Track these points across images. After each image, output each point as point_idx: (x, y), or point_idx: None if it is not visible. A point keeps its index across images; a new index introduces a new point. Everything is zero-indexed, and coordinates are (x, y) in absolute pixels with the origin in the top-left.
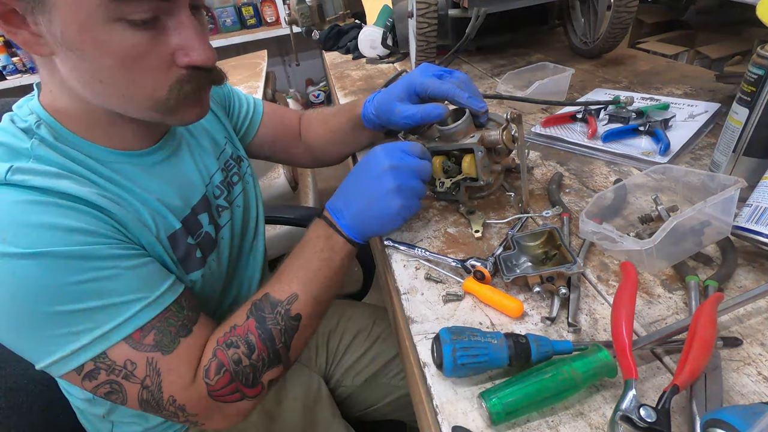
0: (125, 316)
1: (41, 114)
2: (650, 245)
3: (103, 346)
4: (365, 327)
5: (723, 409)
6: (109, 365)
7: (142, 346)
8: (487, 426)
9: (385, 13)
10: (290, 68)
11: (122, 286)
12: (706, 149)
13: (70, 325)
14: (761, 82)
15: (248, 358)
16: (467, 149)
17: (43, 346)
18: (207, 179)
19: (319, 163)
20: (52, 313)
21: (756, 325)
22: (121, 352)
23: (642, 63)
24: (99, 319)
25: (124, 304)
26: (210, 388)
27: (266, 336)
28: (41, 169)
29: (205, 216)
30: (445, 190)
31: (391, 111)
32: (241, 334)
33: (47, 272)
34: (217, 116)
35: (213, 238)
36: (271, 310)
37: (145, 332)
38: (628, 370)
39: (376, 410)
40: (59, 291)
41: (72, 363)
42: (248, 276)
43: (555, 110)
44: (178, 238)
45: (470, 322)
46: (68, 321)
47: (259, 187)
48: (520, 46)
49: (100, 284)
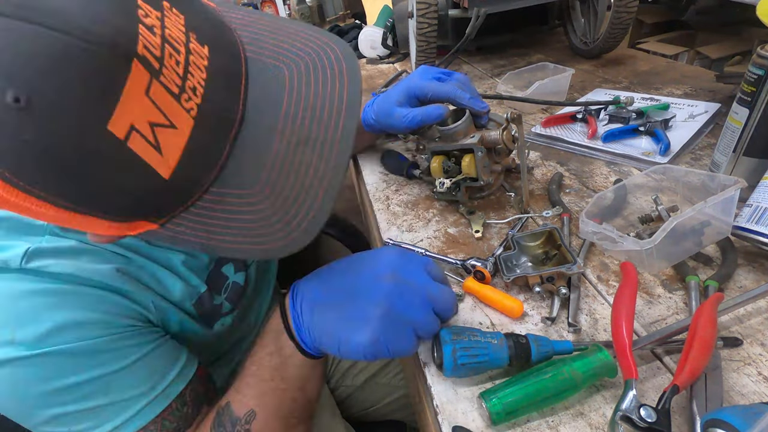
0: (127, 415)
1: None
2: (650, 245)
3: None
4: None
5: (723, 409)
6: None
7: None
8: (487, 426)
9: (385, 14)
10: None
11: (129, 380)
12: (706, 149)
13: (71, 423)
14: (761, 82)
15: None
16: (467, 149)
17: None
18: None
19: None
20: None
21: (756, 325)
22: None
23: (642, 63)
24: (101, 417)
25: (128, 401)
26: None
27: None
28: (58, 248)
29: (230, 267)
30: (445, 190)
31: (391, 116)
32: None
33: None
34: None
35: (241, 285)
36: (231, 428)
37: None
38: (628, 370)
39: (376, 410)
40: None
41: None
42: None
43: (555, 110)
44: (204, 301)
45: (470, 322)
46: (71, 420)
47: None
48: (520, 46)
49: (107, 380)
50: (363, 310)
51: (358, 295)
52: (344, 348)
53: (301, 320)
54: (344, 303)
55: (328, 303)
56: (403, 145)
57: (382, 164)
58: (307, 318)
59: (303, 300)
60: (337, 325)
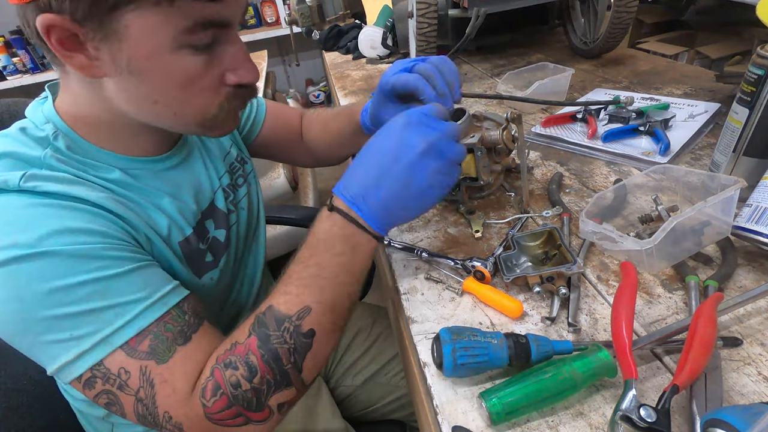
0: (127, 317)
1: (58, 123)
2: (650, 245)
3: (103, 352)
4: (365, 326)
5: (723, 409)
6: (104, 373)
7: (136, 352)
8: (487, 426)
9: (385, 13)
10: (290, 68)
11: (126, 285)
12: (706, 149)
13: (73, 328)
14: (761, 82)
15: (249, 382)
16: (467, 149)
17: (49, 351)
18: (216, 183)
19: (319, 163)
20: (57, 316)
21: (756, 325)
22: (116, 359)
23: (642, 63)
24: (102, 320)
25: (127, 305)
26: (207, 410)
27: (271, 356)
28: (55, 176)
29: (211, 222)
30: None
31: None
32: (242, 353)
33: (52, 272)
34: None
35: (222, 241)
36: (277, 327)
37: (141, 338)
38: (628, 370)
39: (376, 410)
40: (63, 292)
41: (74, 371)
42: (249, 276)
43: (555, 110)
44: (191, 243)
45: (470, 322)
46: (72, 324)
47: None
48: (520, 46)
49: (104, 284)
50: (422, 179)
51: (411, 172)
52: (419, 211)
53: (369, 208)
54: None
55: (385, 186)
56: None
57: None
58: (373, 204)
59: (361, 198)
60: (406, 198)
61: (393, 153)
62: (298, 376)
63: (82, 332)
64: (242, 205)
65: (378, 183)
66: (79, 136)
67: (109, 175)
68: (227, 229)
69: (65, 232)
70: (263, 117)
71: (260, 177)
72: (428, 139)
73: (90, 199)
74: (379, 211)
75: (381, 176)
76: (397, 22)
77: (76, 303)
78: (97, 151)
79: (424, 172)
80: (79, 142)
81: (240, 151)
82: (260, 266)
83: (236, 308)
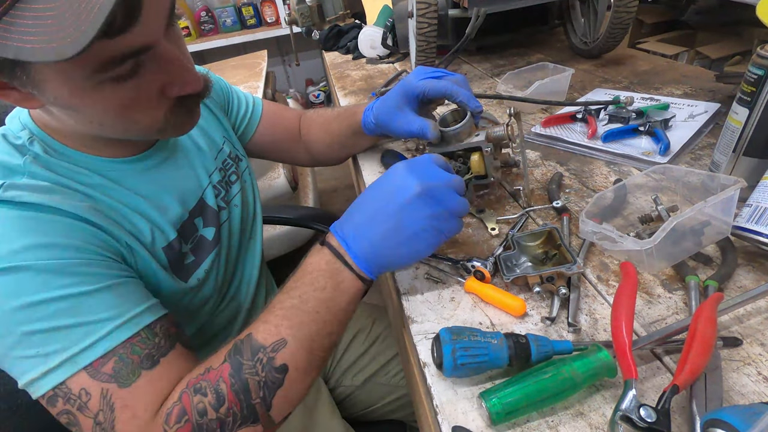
0: (95, 337)
1: (33, 130)
2: (650, 245)
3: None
4: (365, 327)
5: (723, 409)
6: (65, 393)
7: (99, 374)
8: (487, 426)
9: (385, 13)
10: (290, 68)
11: (97, 303)
12: (706, 149)
13: (40, 345)
14: (761, 82)
15: (215, 411)
16: (471, 149)
17: (18, 366)
18: (205, 180)
19: (318, 163)
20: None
21: (756, 325)
22: (79, 381)
23: (642, 63)
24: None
25: (97, 323)
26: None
27: (240, 387)
28: (34, 185)
29: (200, 220)
30: None
31: (392, 121)
32: (212, 380)
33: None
34: (216, 116)
35: (209, 240)
36: (251, 356)
37: (105, 359)
38: (628, 370)
39: (376, 410)
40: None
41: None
42: (246, 276)
43: (555, 110)
44: (174, 248)
45: (470, 322)
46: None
47: (258, 186)
48: (520, 46)
49: (75, 301)
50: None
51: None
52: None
53: (358, 248)
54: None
55: (376, 227)
56: (402, 144)
57: (381, 164)
58: (363, 243)
59: (352, 238)
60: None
61: (389, 194)
62: (266, 413)
63: (49, 350)
64: (235, 202)
65: (370, 223)
66: (55, 140)
67: (89, 180)
68: (217, 227)
69: (40, 247)
70: (259, 116)
71: (260, 177)
72: (425, 183)
73: (69, 210)
74: (368, 251)
75: (374, 216)
76: (397, 22)
77: (45, 319)
78: (75, 154)
79: (416, 214)
80: (55, 146)
81: (234, 148)
82: (257, 265)
83: (234, 308)
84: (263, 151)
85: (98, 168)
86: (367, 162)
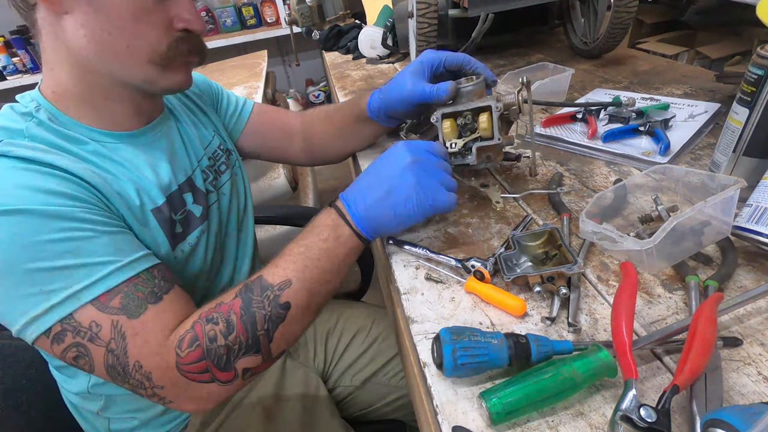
0: (96, 276)
1: (40, 101)
2: (650, 245)
3: (72, 306)
4: (364, 327)
5: (723, 409)
6: (74, 326)
7: (107, 308)
8: (487, 426)
9: (385, 14)
10: (290, 68)
11: (97, 247)
12: (706, 149)
13: (43, 283)
14: (761, 82)
15: (224, 338)
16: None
17: (18, 306)
18: (195, 162)
19: (318, 160)
20: (28, 270)
21: (756, 325)
22: (87, 314)
23: (642, 63)
24: (72, 277)
25: (97, 265)
26: (179, 359)
27: (248, 319)
28: (31, 144)
29: (190, 195)
30: (457, 150)
31: (402, 89)
32: (224, 312)
33: (24, 229)
34: (206, 112)
35: (197, 216)
36: (260, 293)
37: (111, 295)
38: (628, 370)
39: (376, 410)
40: (35, 248)
41: (42, 324)
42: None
43: (555, 110)
44: (163, 212)
45: (470, 322)
46: (42, 279)
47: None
48: (520, 46)
49: (76, 244)
50: (402, 189)
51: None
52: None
53: (357, 209)
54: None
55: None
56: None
57: None
58: (361, 206)
59: (353, 200)
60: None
61: (386, 166)
62: (268, 344)
63: (52, 287)
64: (224, 190)
65: (368, 189)
66: (59, 110)
67: (85, 146)
68: (205, 206)
69: (39, 191)
70: (248, 115)
71: (260, 177)
72: (417, 156)
73: (63, 166)
74: (364, 212)
75: (371, 183)
76: (397, 22)
77: (47, 259)
78: (75, 124)
79: (406, 181)
80: (57, 115)
81: (224, 141)
82: (248, 257)
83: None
84: (255, 148)
85: (96, 138)
86: (367, 162)
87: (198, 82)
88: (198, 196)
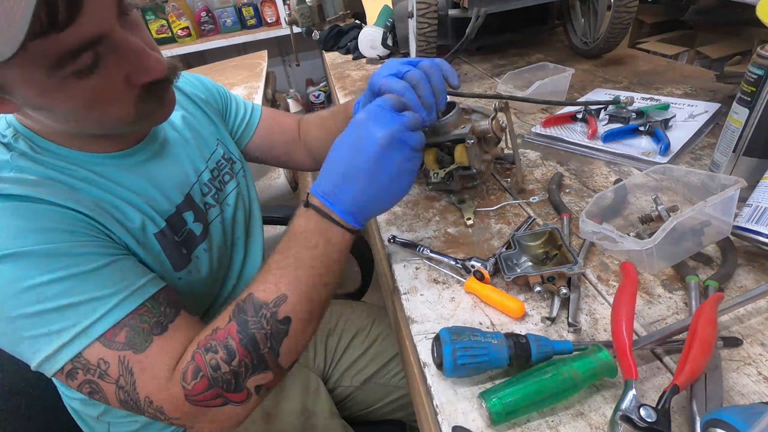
0: (102, 310)
1: (18, 128)
2: (650, 245)
3: (80, 345)
4: (364, 327)
5: (723, 409)
6: (84, 364)
7: (114, 344)
8: (487, 426)
9: (385, 14)
10: (290, 68)
11: (100, 280)
12: (706, 149)
13: (51, 323)
14: (761, 82)
15: (227, 364)
16: (458, 140)
17: (31, 347)
18: (194, 178)
19: (320, 165)
20: (33, 313)
21: (756, 325)
22: (95, 352)
23: (642, 63)
24: (78, 314)
25: (102, 299)
26: (187, 392)
27: (248, 341)
28: (20, 178)
29: (190, 214)
30: (439, 180)
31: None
32: (221, 338)
33: (24, 272)
34: (211, 119)
35: (197, 235)
36: (255, 312)
37: (117, 329)
38: (628, 370)
39: (376, 410)
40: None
41: (56, 363)
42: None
43: (555, 110)
44: (166, 236)
45: (470, 322)
46: (49, 319)
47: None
48: (520, 46)
49: (78, 279)
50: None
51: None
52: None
53: (342, 204)
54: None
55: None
56: None
57: None
58: (345, 199)
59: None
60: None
61: (355, 146)
62: (275, 360)
63: (60, 326)
64: (228, 201)
65: (347, 178)
66: (39, 136)
67: (76, 174)
68: (205, 224)
69: (34, 232)
70: (257, 121)
71: (260, 177)
72: (388, 130)
73: (56, 200)
74: (351, 205)
75: (347, 171)
76: (397, 22)
77: (52, 299)
78: (61, 150)
79: (387, 162)
80: (41, 143)
81: (228, 151)
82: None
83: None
84: (262, 154)
85: (85, 163)
86: None
87: (203, 86)
88: (198, 214)
